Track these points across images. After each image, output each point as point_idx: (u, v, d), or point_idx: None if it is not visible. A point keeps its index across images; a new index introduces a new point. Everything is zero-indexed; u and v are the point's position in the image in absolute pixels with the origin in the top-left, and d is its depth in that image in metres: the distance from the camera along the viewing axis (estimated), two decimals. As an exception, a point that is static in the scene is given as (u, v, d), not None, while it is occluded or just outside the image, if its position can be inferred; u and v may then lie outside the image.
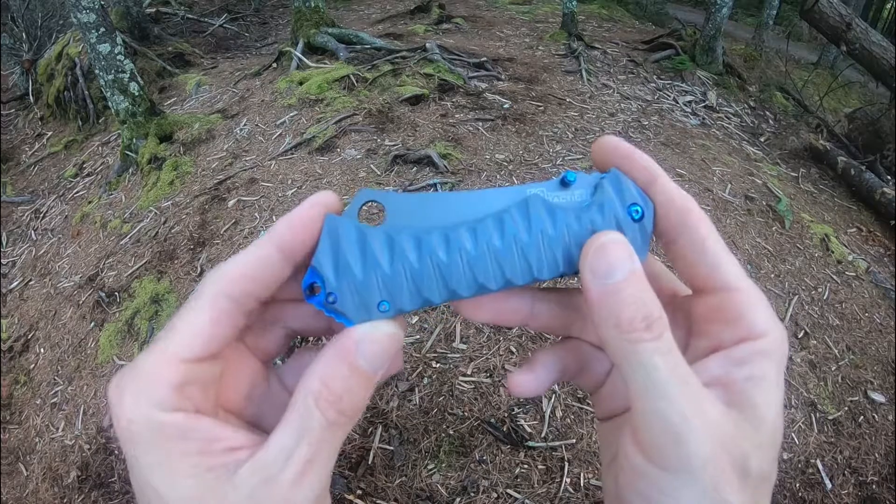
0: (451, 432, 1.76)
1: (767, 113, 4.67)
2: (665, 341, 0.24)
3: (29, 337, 2.80)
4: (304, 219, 0.26)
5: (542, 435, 1.77)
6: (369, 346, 0.25)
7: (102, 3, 3.31)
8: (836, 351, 2.29)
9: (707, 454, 0.22)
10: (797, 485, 1.84)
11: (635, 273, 0.25)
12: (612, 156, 0.29)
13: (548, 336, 2.00)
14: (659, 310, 0.24)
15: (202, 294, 0.24)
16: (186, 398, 0.23)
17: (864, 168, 3.67)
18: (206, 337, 0.24)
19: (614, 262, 0.25)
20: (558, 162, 3.06)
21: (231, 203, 2.90)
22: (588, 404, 1.86)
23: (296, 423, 0.23)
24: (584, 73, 4.40)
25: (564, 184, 0.28)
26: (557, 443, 1.75)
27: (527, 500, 1.62)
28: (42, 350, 2.67)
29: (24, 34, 5.38)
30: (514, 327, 1.98)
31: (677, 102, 4.24)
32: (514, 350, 1.99)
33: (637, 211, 0.27)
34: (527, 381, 0.31)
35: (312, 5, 4.59)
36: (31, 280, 3.20)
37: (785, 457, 1.90)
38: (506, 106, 3.71)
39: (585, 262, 0.26)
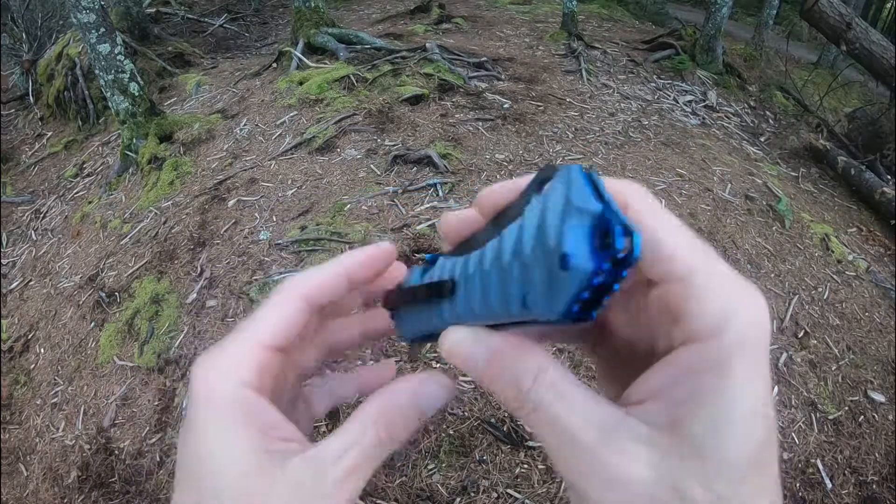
0: (451, 432, 1.76)
1: (767, 113, 4.67)
2: (544, 407, 0.22)
3: (29, 337, 2.80)
4: (372, 256, 0.30)
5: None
6: (430, 391, 0.27)
7: (102, 3, 3.31)
8: (837, 350, 2.29)
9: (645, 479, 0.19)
10: (797, 484, 1.84)
11: (492, 355, 0.24)
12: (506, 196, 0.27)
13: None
14: (531, 371, 0.22)
15: (284, 294, 0.28)
16: (264, 383, 0.26)
17: (864, 168, 3.67)
18: (286, 328, 0.27)
19: (468, 358, 0.25)
20: (558, 162, 3.06)
21: (231, 203, 2.90)
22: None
23: (350, 435, 0.26)
24: (584, 72, 4.40)
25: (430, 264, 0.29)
26: (557, 443, 1.75)
27: (527, 500, 1.62)
28: (42, 350, 2.67)
29: (24, 34, 5.38)
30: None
31: (677, 102, 4.24)
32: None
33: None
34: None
35: (312, 5, 4.59)
36: (31, 280, 3.20)
37: (785, 457, 1.90)
38: (506, 106, 3.70)
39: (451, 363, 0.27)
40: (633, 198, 0.22)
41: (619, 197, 0.22)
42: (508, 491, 1.64)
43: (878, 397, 2.16)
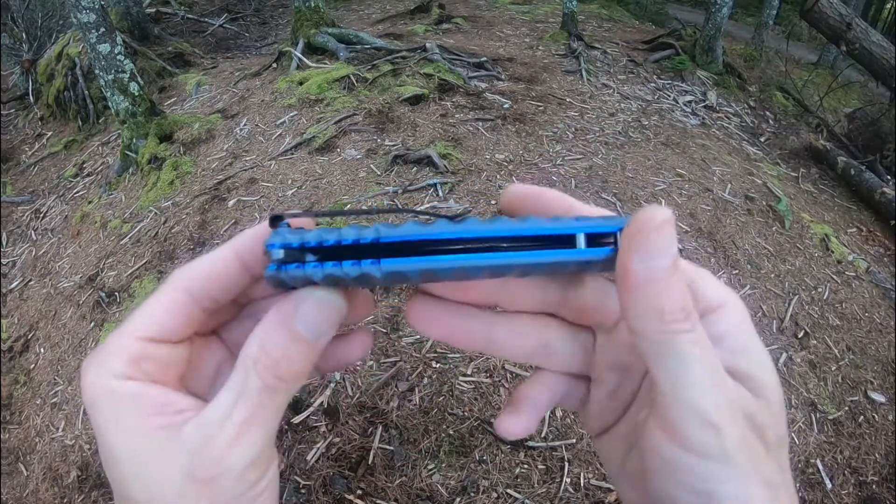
0: (451, 432, 1.76)
1: (767, 113, 4.67)
2: (699, 331, 0.23)
3: (29, 337, 2.80)
4: (260, 230, 0.27)
5: (542, 435, 1.77)
6: (307, 311, 0.24)
7: (102, 3, 3.31)
8: (837, 351, 2.29)
9: (740, 436, 0.23)
10: (797, 485, 1.84)
11: (677, 258, 0.23)
12: (523, 201, 0.29)
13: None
14: (690, 298, 0.24)
15: (164, 286, 0.27)
16: (142, 371, 0.25)
17: (864, 168, 3.67)
18: (160, 322, 0.26)
19: (666, 244, 0.23)
20: (558, 162, 3.06)
21: (231, 203, 2.90)
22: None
23: (235, 385, 0.24)
24: (584, 72, 4.40)
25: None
26: (557, 443, 1.75)
27: (527, 500, 1.62)
28: (42, 350, 2.67)
29: (24, 34, 5.38)
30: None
31: (677, 102, 4.24)
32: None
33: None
34: (513, 424, 0.30)
35: (312, 5, 4.59)
36: (31, 280, 3.20)
37: (785, 457, 1.90)
38: (506, 106, 3.70)
39: (631, 240, 0.23)
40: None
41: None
42: (508, 491, 1.64)
43: (878, 397, 2.16)
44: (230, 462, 0.24)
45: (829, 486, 1.85)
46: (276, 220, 0.26)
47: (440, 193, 2.76)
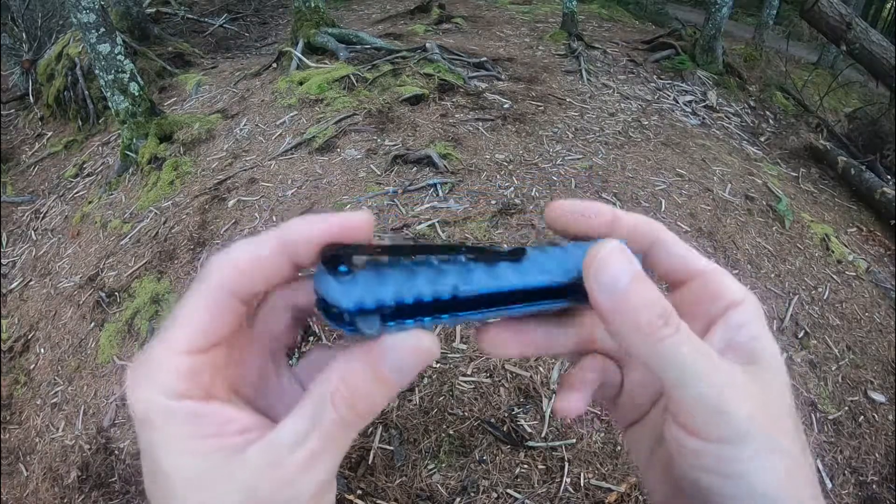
0: (451, 432, 1.76)
1: (767, 113, 4.67)
2: (683, 330, 0.26)
3: (29, 337, 2.80)
4: (315, 225, 0.26)
5: (542, 435, 1.77)
6: (399, 355, 0.24)
7: (102, 3, 3.31)
8: (837, 351, 2.29)
9: (748, 414, 0.25)
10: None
11: (638, 275, 0.26)
12: (566, 218, 0.31)
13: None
14: (667, 301, 0.26)
15: (205, 284, 0.24)
16: (196, 385, 0.24)
17: (864, 168, 3.67)
18: (207, 330, 0.24)
19: (617, 270, 0.26)
20: (558, 162, 3.06)
21: (231, 203, 2.90)
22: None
23: (309, 413, 0.24)
24: (584, 72, 4.40)
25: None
26: (557, 443, 1.75)
27: (527, 500, 1.62)
28: (42, 350, 2.67)
29: (24, 34, 5.38)
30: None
31: (677, 102, 4.24)
32: (514, 350, 1.99)
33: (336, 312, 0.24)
34: (573, 401, 0.32)
35: (312, 5, 4.59)
36: (31, 280, 3.20)
37: (785, 457, 1.90)
38: (506, 106, 3.70)
39: (589, 275, 0.27)
40: (662, 234, 0.31)
41: (649, 231, 0.31)
42: (508, 491, 1.64)
43: (878, 397, 2.16)
44: (300, 487, 0.23)
45: (830, 486, 1.85)
46: (333, 260, 0.24)
47: (440, 193, 2.76)
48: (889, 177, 3.70)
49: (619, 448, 1.75)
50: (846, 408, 2.10)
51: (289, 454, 0.23)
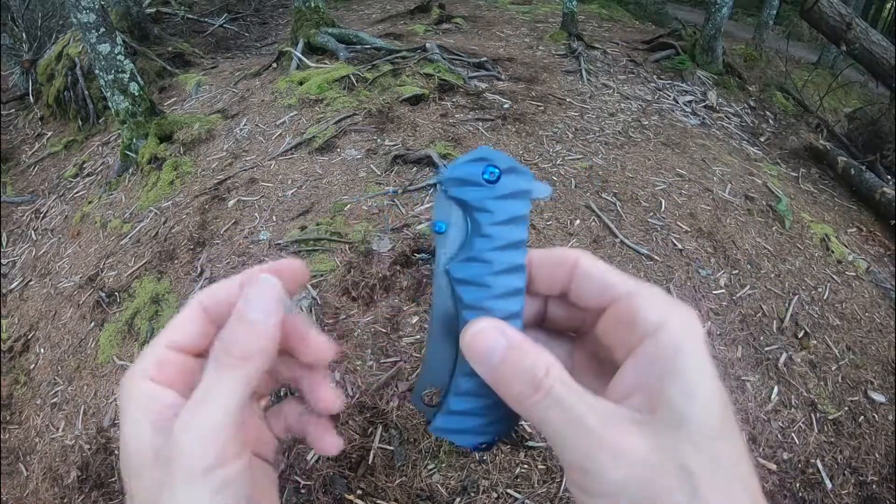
0: (451, 432, 1.76)
1: (767, 113, 4.67)
2: (555, 393, 0.26)
3: (29, 337, 2.80)
4: (274, 269, 0.33)
5: (542, 435, 1.77)
6: (258, 296, 0.29)
7: (102, 3, 3.31)
8: (837, 351, 2.29)
9: (622, 478, 0.24)
10: (797, 485, 1.84)
11: (511, 345, 0.28)
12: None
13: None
14: (543, 365, 0.27)
15: (187, 303, 0.32)
16: (163, 374, 0.29)
17: (864, 168, 3.67)
18: (182, 330, 0.31)
19: (487, 348, 0.28)
20: (558, 161, 3.06)
21: (231, 203, 2.90)
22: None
23: (206, 375, 0.28)
24: (584, 72, 4.40)
25: (441, 232, 0.31)
26: (557, 443, 1.75)
27: (527, 500, 1.62)
28: (42, 350, 2.67)
29: (24, 34, 5.38)
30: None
31: (677, 102, 4.24)
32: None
33: (492, 172, 0.30)
34: None
35: (312, 5, 4.59)
36: (31, 280, 3.20)
37: (785, 457, 1.90)
38: (506, 106, 3.70)
39: (467, 357, 0.29)
40: (581, 260, 0.31)
41: (564, 261, 0.31)
42: (508, 491, 1.64)
43: (878, 397, 2.16)
44: (182, 442, 0.26)
45: (829, 486, 1.85)
46: None
47: (440, 193, 2.75)
48: (889, 177, 3.70)
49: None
50: (846, 408, 2.10)
51: (195, 420, 0.27)
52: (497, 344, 0.28)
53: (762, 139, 4.20)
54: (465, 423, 0.31)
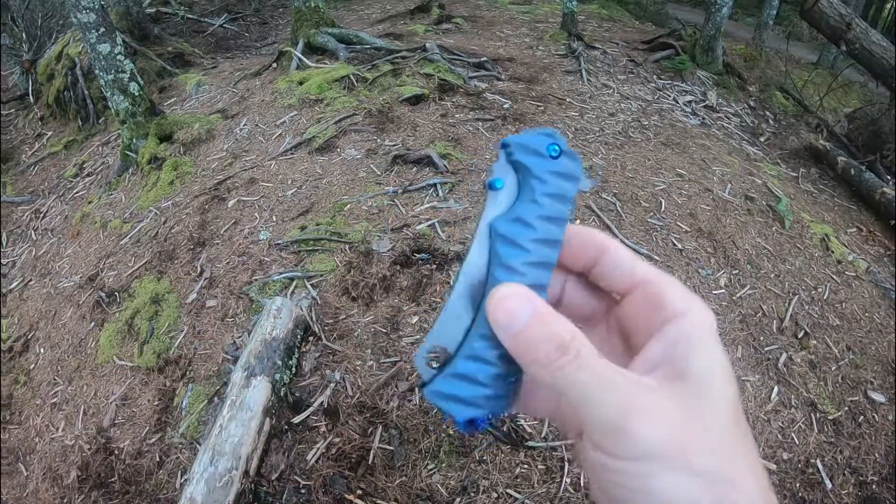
0: (451, 432, 1.76)
1: (767, 113, 4.67)
2: (584, 356, 0.27)
3: (29, 337, 2.80)
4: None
5: (542, 435, 1.77)
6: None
7: (102, 3, 3.31)
8: (836, 351, 2.29)
9: (653, 434, 0.25)
10: (797, 484, 1.84)
11: (537, 312, 0.28)
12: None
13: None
14: (569, 331, 0.28)
15: None
16: None
17: (864, 168, 3.67)
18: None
19: (514, 312, 0.29)
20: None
21: (231, 203, 2.90)
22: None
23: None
24: (584, 72, 4.40)
25: (495, 189, 0.32)
26: (557, 443, 1.75)
27: (527, 500, 1.62)
28: (42, 350, 2.67)
29: (24, 34, 5.38)
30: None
31: (677, 102, 4.24)
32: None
33: (554, 149, 0.32)
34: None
35: (312, 5, 4.59)
36: (31, 280, 3.20)
37: (785, 457, 1.90)
38: (506, 106, 3.70)
39: (491, 322, 0.29)
40: (611, 245, 0.33)
41: (593, 243, 0.33)
42: (508, 491, 1.64)
43: (878, 397, 2.16)
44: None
45: (829, 486, 1.85)
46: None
47: (440, 193, 2.76)
48: (889, 177, 3.70)
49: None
50: (846, 408, 2.10)
51: None
52: (524, 309, 0.28)
53: (762, 139, 4.20)
54: (464, 390, 0.30)
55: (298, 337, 2.04)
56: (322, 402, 1.86)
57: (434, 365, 0.32)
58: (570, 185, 0.32)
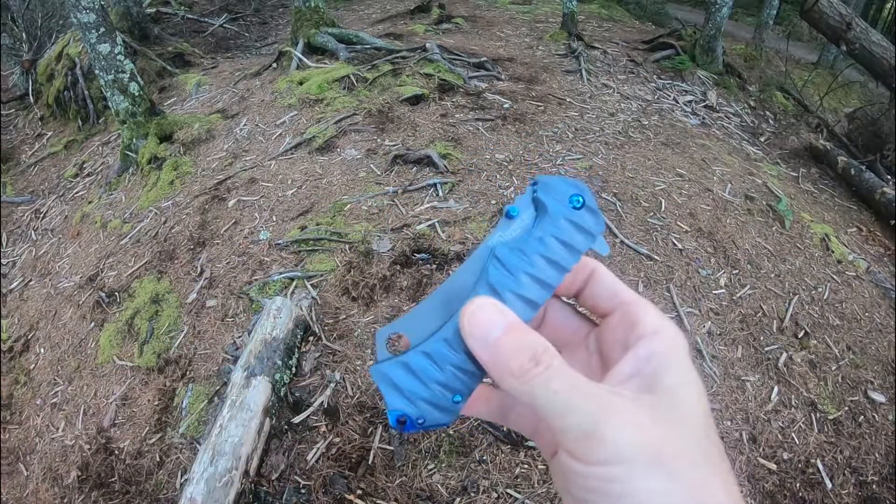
0: (451, 432, 1.76)
1: (767, 113, 4.67)
2: (555, 367, 0.28)
3: (29, 337, 2.80)
4: None
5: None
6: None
7: (102, 3, 3.31)
8: (837, 351, 2.29)
9: (628, 439, 0.26)
10: (797, 484, 1.84)
11: (510, 324, 0.29)
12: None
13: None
14: (542, 344, 0.29)
15: None
16: None
17: (864, 168, 3.67)
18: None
19: (487, 324, 0.29)
20: (558, 161, 3.06)
21: (231, 203, 2.90)
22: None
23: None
24: (584, 72, 4.40)
25: (510, 217, 0.33)
26: (557, 443, 1.75)
27: (527, 500, 1.62)
28: (42, 350, 2.67)
29: (24, 34, 5.38)
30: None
31: (677, 102, 4.24)
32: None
33: (577, 200, 0.33)
34: (475, 406, 0.36)
35: (312, 5, 4.59)
36: (31, 280, 3.20)
37: (785, 457, 1.90)
38: (506, 106, 3.70)
39: (464, 331, 0.30)
40: (598, 268, 0.35)
41: (590, 266, 0.34)
42: (508, 491, 1.63)
43: (878, 397, 2.16)
44: None
45: (829, 485, 1.85)
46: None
47: (440, 193, 2.76)
48: (889, 177, 3.70)
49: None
50: (846, 408, 2.10)
51: None
52: (497, 321, 0.29)
53: (762, 139, 4.20)
54: (407, 382, 0.31)
55: (298, 337, 2.04)
56: (322, 402, 1.86)
57: (391, 349, 0.32)
58: (583, 238, 0.32)
